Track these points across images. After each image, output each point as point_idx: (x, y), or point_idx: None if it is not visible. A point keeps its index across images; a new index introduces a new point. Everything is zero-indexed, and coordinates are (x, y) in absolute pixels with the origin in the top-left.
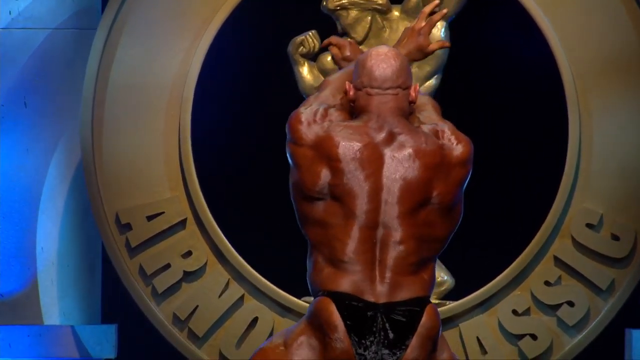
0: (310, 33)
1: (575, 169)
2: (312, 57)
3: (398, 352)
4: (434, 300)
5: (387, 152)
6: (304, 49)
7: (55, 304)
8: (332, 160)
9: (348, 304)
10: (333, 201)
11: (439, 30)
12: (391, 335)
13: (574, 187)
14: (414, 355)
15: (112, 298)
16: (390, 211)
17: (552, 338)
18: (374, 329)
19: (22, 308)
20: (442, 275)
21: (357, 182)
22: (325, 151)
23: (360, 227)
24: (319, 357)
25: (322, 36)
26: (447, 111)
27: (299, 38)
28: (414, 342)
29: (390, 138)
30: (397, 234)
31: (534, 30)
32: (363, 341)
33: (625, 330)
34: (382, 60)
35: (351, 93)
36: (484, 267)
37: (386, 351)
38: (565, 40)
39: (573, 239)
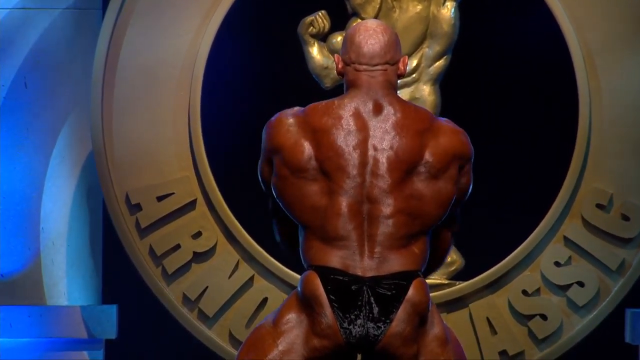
0: (320, 13)
1: (585, 149)
2: (322, 37)
3: (383, 326)
4: (443, 281)
5: (374, 123)
6: (314, 29)
7: (56, 284)
8: (316, 132)
9: (333, 278)
10: (319, 177)
11: (449, 11)
12: (376, 309)
13: (584, 167)
14: (399, 329)
15: (113, 278)
16: (378, 184)
17: (562, 318)
18: (359, 303)
19: (23, 288)
20: (452, 255)
21: (343, 154)
22: (309, 125)
23: (348, 203)
24: (306, 331)
25: (332, 17)
26: (457, 92)
27: (309, 18)
28: (399, 315)
29: (378, 109)
30: (385, 208)
31: (543, 8)
32: (348, 315)
33: (626, 310)
34: (370, 36)
35: (340, 66)
36: (494, 248)
37: (371, 325)
38: (574, 18)
39: (583, 219)
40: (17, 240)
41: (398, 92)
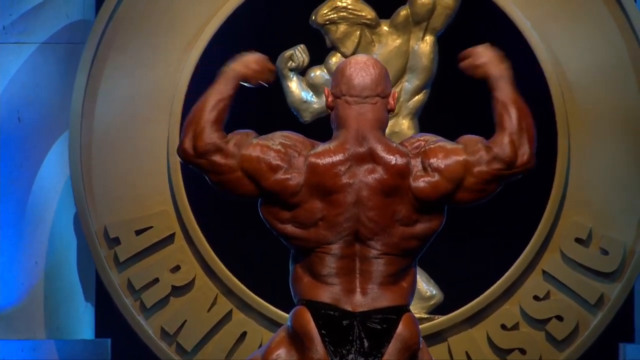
0: (300, 47)
1: (564, 183)
2: (301, 71)
3: None
4: (422, 315)
5: (362, 172)
6: (293, 63)
7: (50, 318)
8: (323, 190)
9: (324, 313)
10: (314, 225)
11: (428, 45)
12: (366, 343)
13: (563, 201)
14: None
15: (105, 312)
16: (366, 229)
17: (540, 353)
18: (351, 338)
19: (17, 322)
20: (431, 290)
21: (336, 206)
22: (312, 181)
23: (339, 247)
24: None
25: (311, 51)
26: (436, 126)
27: (288, 52)
28: (390, 349)
29: (366, 158)
30: (375, 251)
31: (523, 44)
32: (339, 350)
33: (620, 345)
34: (361, 69)
35: (329, 100)
36: (473, 282)
37: (362, 359)
38: (553, 53)
39: (562, 253)
40: (11, 274)
41: None
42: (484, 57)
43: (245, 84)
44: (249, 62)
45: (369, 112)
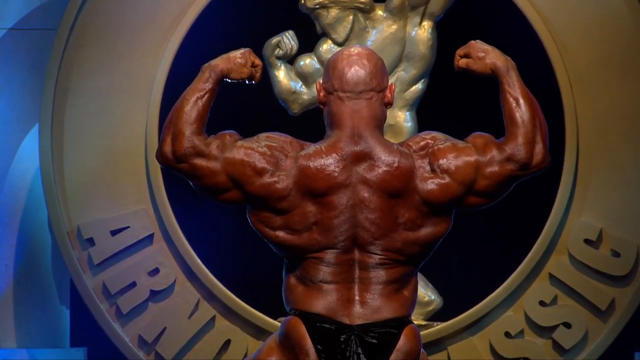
0: (287, 34)
1: (572, 180)
2: (289, 59)
3: None
4: (420, 322)
5: (359, 174)
6: (281, 51)
7: (20, 325)
8: (315, 192)
9: (319, 326)
10: (307, 230)
11: (426, 31)
12: (364, 359)
13: (571, 199)
14: None
15: (81, 319)
16: (366, 233)
17: None
18: (348, 354)
19: None
20: (429, 295)
21: (330, 209)
22: (303, 184)
23: (336, 253)
24: None
25: (300, 37)
26: (434, 118)
27: (275, 39)
28: None
29: (363, 157)
30: (375, 257)
31: (528, 29)
32: None
33: (635, 355)
34: (354, 62)
35: (321, 95)
36: (474, 286)
37: None
38: (561, 40)
39: (570, 256)
40: None
41: None
42: (485, 50)
43: (229, 81)
44: (232, 57)
45: (364, 108)
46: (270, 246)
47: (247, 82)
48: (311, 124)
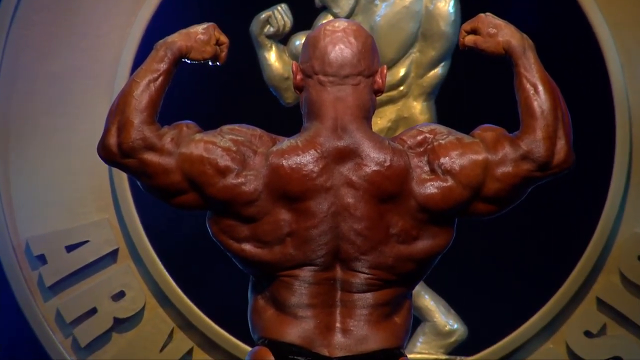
0: (279, 7)
1: (624, 184)
2: (282, 38)
3: None
4: (440, 357)
5: (343, 175)
6: (271, 28)
7: None
8: (289, 197)
9: (293, 358)
10: (280, 242)
11: (447, 4)
12: None
13: (622, 207)
14: None
15: (28, 353)
16: (351, 246)
17: None
18: None
19: None
20: (451, 323)
21: (308, 217)
22: (275, 187)
23: (314, 271)
24: None
25: (295, 12)
26: (456, 108)
27: (265, 14)
28: None
29: (348, 155)
30: (362, 275)
31: (569, 1)
32: None
33: None
34: (339, 39)
35: (298, 78)
36: (506, 313)
37: None
38: (610, 15)
39: (622, 275)
40: None
41: (381, 108)
42: (498, 25)
43: (188, 61)
44: (193, 33)
45: (350, 95)
46: (235, 262)
47: (210, 62)
48: None
